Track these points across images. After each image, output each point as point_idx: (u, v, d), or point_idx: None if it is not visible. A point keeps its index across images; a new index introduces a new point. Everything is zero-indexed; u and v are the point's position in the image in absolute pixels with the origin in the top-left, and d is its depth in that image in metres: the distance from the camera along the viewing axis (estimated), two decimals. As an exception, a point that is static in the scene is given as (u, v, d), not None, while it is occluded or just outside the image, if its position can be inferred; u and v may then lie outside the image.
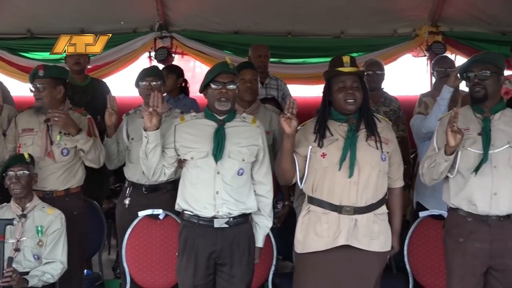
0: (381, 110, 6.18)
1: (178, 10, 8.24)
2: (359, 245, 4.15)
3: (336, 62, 4.25)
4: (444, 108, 5.07)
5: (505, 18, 8.19)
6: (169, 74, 6.65)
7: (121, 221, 5.35)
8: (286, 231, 5.08)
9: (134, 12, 8.20)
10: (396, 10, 8.23)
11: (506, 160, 4.22)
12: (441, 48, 8.17)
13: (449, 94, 5.05)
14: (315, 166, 4.20)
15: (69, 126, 5.04)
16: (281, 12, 8.15)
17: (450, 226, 4.35)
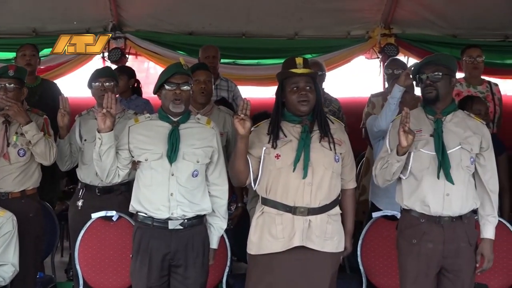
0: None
1: (131, 10, 8.20)
2: (313, 246, 4.17)
3: (289, 64, 4.26)
4: (394, 107, 5.11)
5: (456, 21, 8.31)
6: (120, 75, 6.59)
7: (74, 223, 5.30)
8: (240, 232, 5.08)
9: (87, 12, 8.12)
10: (350, 12, 8.30)
11: (458, 161, 4.26)
12: (394, 50, 8.25)
13: (399, 93, 5.09)
14: (269, 167, 4.21)
15: (19, 116, 4.95)
16: (235, 13, 8.16)
17: (403, 227, 4.38)
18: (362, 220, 5.68)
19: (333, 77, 8.22)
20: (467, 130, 4.33)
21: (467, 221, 4.30)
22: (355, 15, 8.38)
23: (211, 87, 5.62)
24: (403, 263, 4.36)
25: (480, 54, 6.55)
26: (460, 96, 6.12)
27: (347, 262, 5.36)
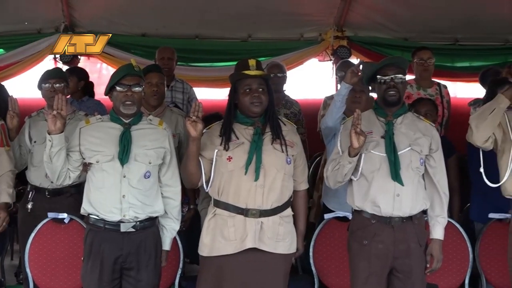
0: (282, 113, 6.25)
1: (84, 11, 8.13)
2: (266, 248, 4.18)
3: (242, 65, 4.27)
4: (339, 104, 5.14)
5: (408, 24, 8.40)
6: (70, 76, 6.53)
7: (23, 226, 5.24)
8: (192, 234, 5.07)
9: (39, 12, 8.04)
10: (303, 15, 8.34)
11: (408, 163, 4.30)
12: (346, 53, 8.32)
13: (346, 91, 5.11)
14: (221, 169, 4.21)
15: None
16: (189, 15, 8.15)
17: (355, 228, 4.40)
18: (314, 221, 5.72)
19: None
20: (416, 132, 4.37)
21: (417, 222, 4.34)
22: (308, 18, 8.42)
23: (164, 89, 5.60)
24: (354, 264, 4.39)
25: (431, 57, 6.65)
26: (410, 98, 6.19)
27: (299, 263, 5.40)
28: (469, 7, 7.98)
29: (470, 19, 8.23)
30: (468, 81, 8.89)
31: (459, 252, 5.25)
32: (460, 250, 5.25)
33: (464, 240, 5.27)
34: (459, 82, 9.05)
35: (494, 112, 4.32)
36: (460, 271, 5.24)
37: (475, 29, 8.46)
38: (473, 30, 8.51)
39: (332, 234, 5.25)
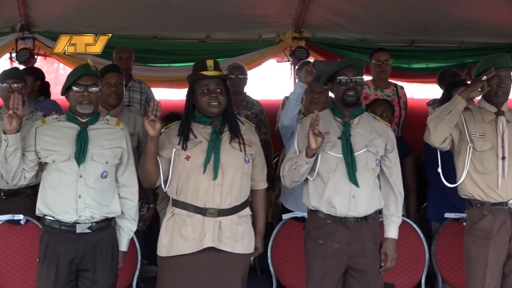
0: (243, 114, 6.26)
1: (40, 10, 8.04)
2: (224, 247, 4.18)
3: (200, 66, 4.27)
4: (294, 103, 5.18)
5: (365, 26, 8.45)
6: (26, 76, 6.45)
7: (-22, 227, 5.17)
8: (151, 234, 5.05)
9: (-5, 11, 7.95)
10: (261, 16, 8.34)
11: (364, 164, 4.33)
12: (304, 54, 8.34)
13: (300, 90, 5.15)
14: (179, 168, 4.20)
15: None
16: (147, 15, 8.10)
17: (310, 228, 4.42)
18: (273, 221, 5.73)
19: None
20: (372, 133, 4.41)
21: (372, 221, 4.38)
22: (266, 19, 8.43)
23: (122, 89, 5.60)
24: (309, 263, 4.41)
25: (388, 58, 6.69)
26: (368, 99, 6.24)
27: (257, 263, 5.41)
28: (425, 9, 8.04)
29: (427, 21, 8.30)
30: (425, 82, 8.97)
31: (416, 252, 5.30)
32: (417, 249, 5.30)
33: (420, 240, 5.32)
34: (416, 83, 9.12)
35: (452, 113, 4.37)
36: (416, 270, 5.29)
37: (432, 30, 8.54)
38: (429, 32, 8.59)
39: (290, 234, 5.26)
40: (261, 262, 5.38)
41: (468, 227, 4.57)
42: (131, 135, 4.75)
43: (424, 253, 5.31)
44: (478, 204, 4.50)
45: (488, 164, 4.47)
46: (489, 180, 4.46)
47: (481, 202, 4.49)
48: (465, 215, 4.93)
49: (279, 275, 5.24)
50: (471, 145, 4.48)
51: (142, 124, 4.88)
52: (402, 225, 4.53)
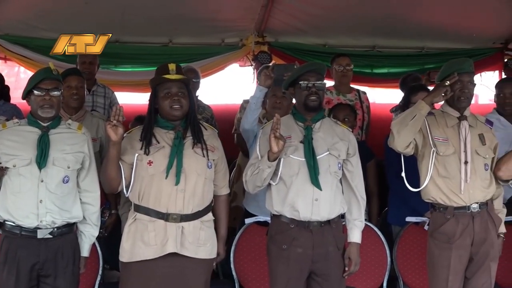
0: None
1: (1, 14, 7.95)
2: (187, 253, 4.16)
3: (162, 70, 4.26)
4: (254, 106, 5.18)
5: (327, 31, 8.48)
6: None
7: None
8: (113, 240, 5.01)
9: (-48, 14, 7.84)
10: (224, 20, 8.34)
11: (326, 167, 4.35)
12: (267, 58, 8.35)
13: (260, 93, 5.15)
14: (141, 174, 4.18)
15: None
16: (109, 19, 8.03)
17: (274, 233, 4.41)
18: (234, 226, 5.72)
19: (207, 84, 8.24)
20: (334, 137, 4.43)
21: (335, 226, 4.39)
22: (229, 23, 8.42)
23: (83, 92, 5.56)
24: (273, 268, 4.40)
25: (349, 63, 6.74)
26: (330, 103, 6.27)
27: (220, 268, 5.39)
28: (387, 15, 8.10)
29: (389, 26, 8.36)
30: (387, 87, 9.04)
31: (377, 255, 5.34)
32: (378, 253, 5.34)
33: (382, 243, 5.36)
34: (378, 88, 9.19)
35: (415, 118, 4.39)
36: (378, 274, 5.33)
37: (393, 36, 8.60)
38: (391, 37, 8.66)
39: (252, 239, 5.27)
40: (223, 267, 5.36)
41: (431, 231, 4.61)
42: (93, 139, 4.72)
43: (385, 256, 5.35)
44: (441, 208, 4.54)
45: (451, 168, 4.50)
46: (452, 185, 4.50)
47: (444, 206, 4.52)
48: (425, 218, 4.98)
49: (242, 280, 5.23)
50: (435, 150, 4.51)
51: (104, 129, 4.85)
52: (363, 229, 4.54)
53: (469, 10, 8.06)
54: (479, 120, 4.66)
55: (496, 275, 4.64)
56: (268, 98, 5.46)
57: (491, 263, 4.54)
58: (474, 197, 4.50)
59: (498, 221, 4.60)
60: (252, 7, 8.13)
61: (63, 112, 5.03)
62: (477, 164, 4.51)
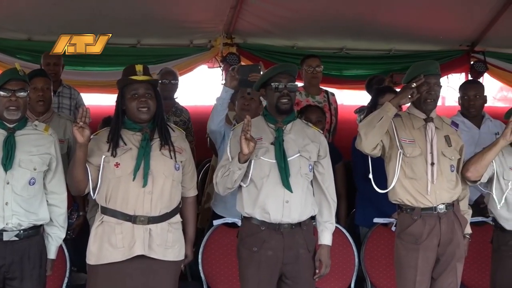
0: (172, 120, 6.24)
1: (-35, 14, 7.88)
2: (155, 255, 4.15)
3: (129, 71, 4.24)
4: (220, 107, 5.19)
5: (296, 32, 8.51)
6: None
7: None
8: (80, 242, 4.98)
9: None
10: (192, 22, 8.33)
11: (297, 169, 4.35)
12: (235, 60, 8.34)
13: (226, 94, 5.16)
14: (108, 176, 4.15)
15: None
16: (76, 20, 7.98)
17: (244, 235, 4.40)
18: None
19: (176, 86, 8.21)
20: (305, 139, 4.43)
21: (305, 228, 4.39)
22: (198, 25, 8.42)
23: (50, 94, 5.53)
24: (244, 271, 4.39)
25: (319, 64, 6.76)
26: (299, 105, 6.28)
27: (188, 270, 5.38)
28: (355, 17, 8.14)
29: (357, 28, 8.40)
30: (355, 89, 9.09)
31: (345, 257, 5.36)
32: (346, 254, 5.36)
33: (350, 245, 5.39)
34: (346, 89, 9.23)
35: (382, 120, 4.41)
36: (346, 275, 5.35)
37: (361, 38, 8.65)
38: (359, 39, 8.70)
39: (221, 241, 5.26)
40: (192, 268, 5.35)
41: (398, 232, 4.63)
42: (61, 141, 4.69)
43: (353, 258, 5.38)
44: (408, 209, 4.56)
45: (418, 170, 4.53)
46: (419, 186, 4.52)
47: (411, 207, 4.55)
48: (393, 220, 5.00)
49: (210, 281, 5.23)
50: (401, 151, 4.53)
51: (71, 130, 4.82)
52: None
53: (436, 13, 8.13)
54: (445, 122, 4.70)
55: (462, 276, 4.69)
56: (237, 100, 5.47)
57: (457, 263, 4.58)
58: (440, 198, 4.53)
59: (464, 222, 4.64)
60: (220, 8, 8.13)
61: (29, 113, 4.99)
62: (443, 166, 4.54)
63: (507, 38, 8.85)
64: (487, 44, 9.04)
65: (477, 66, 8.92)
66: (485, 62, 9.06)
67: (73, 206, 5.44)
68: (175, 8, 7.99)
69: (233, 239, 4.57)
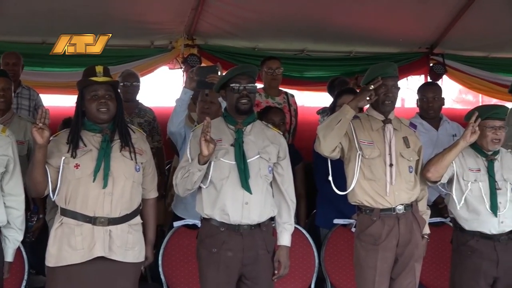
0: (135, 121, 6.23)
1: None
2: (115, 257, 4.14)
3: (89, 72, 4.22)
4: (179, 109, 5.18)
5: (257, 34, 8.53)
6: None
7: None
8: (40, 244, 4.94)
9: None
10: (153, 23, 8.30)
11: (257, 170, 4.36)
12: (196, 61, 8.33)
13: (185, 96, 5.15)
14: (68, 177, 4.13)
15: None
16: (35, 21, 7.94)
17: (204, 236, 4.40)
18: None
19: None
20: (265, 140, 4.44)
21: (265, 229, 4.40)
22: (159, 26, 8.40)
23: (11, 94, 5.49)
24: (203, 272, 4.39)
25: (279, 66, 6.79)
26: (259, 106, 6.29)
27: (148, 272, 5.35)
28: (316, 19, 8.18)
29: (317, 31, 8.45)
30: (316, 90, 9.13)
31: (305, 257, 5.38)
32: (306, 255, 5.39)
33: (310, 246, 5.41)
34: (307, 91, 9.27)
35: (341, 122, 4.43)
36: (306, 275, 5.37)
37: (322, 40, 8.70)
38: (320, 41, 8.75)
39: (181, 242, 5.25)
40: (152, 270, 5.33)
41: (357, 233, 4.65)
42: (20, 142, 4.66)
43: (313, 258, 5.40)
44: (368, 210, 4.59)
45: (377, 171, 4.56)
46: (378, 187, 4.55)
47: (370, 209, 4.58)
48: (353, 221, 5.03)
49: (170, 283, 5.21)
50: (360, 153, 4.55)
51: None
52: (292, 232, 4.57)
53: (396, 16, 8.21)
54: (403, 124, 4.74)
55: (421, 276, 4.73)
56: (198, 103, 5.47)
57: (415, 263, 4.62)
58: (399, 199, 4.56)
59: (422, 223, 4.68)
60: (181, 9, 8.13)
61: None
62: (402, 167, 4.58)
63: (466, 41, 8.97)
64: (446, 46, 9.14)
65: (436, 68, 9.01)
66: (444, 65, 9.15)
67: (33, 208, 5.39)
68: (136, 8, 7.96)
69: (194, 241, 4.56)
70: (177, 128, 5.24)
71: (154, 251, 4.60)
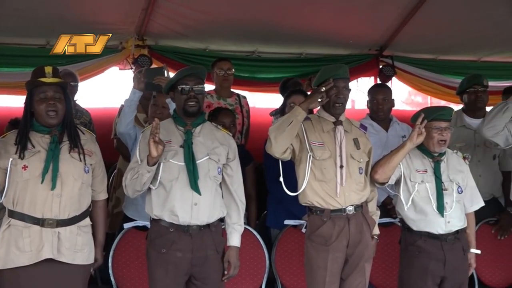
0: (72, 123, 6.15)
1: None
2: (63, 259, 4.12)
3: (38, 72, 4.19)
4: (128, 109, 5.18)
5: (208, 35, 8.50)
6: None
7: None
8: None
9: None
10: (103, 23, 8.21)
11: (206, 171, 4.37)
12: (147, 61, 8.27)
13: (134, 96, 5.15)
14: (16, 179, 4.09)
15: None
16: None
17: (153, 237, 4.40)
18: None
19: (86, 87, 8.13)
20: (214, 141, 4.46)
21: (214, 229, 4.41)
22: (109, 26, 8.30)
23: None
24: (152, 272, 4.39)
25: (230, 67, 6.79)
26: (210, 107, 6.29)
27: (98, 274, 5.31)
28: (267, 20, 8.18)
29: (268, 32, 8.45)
30: (267, 91, 9.13)
31: (256, 258, 5.39)
32: (257, 256, 5.40)
33: (260, 246, 5.42)
34: (258, 92, 9.27)
35: (292, 124, 4.45)
36: (257, 276, 5.38)
37: (273, 41, 8.70)
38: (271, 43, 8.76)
39: (131, 244, 5.23)
40: (102, 272, 5.29)
41: (308, 234, 4.68)
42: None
43: (264, 259, 5.42)
44: (318, 211, 4.62)
45: (327, 172, 4.59)
46: (328, 188, 4.59)
47: (321, 209, 4.61)
48: (303, 221, 5.06)
49: (120, 285, 5.19)
50: (311, 154, 4.58)
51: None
52: (242, 232, 4.58)
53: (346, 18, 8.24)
54: (354, 125, 4.78)
55: (370, 276, 4.78)
56: (150, 106, 5.45)
57: (365, 264, 4.66)
58: (349, 200, 4.60)
59: (372, 223, 4.73)
60: (132, 10, 8.06)
61: None
62: (352, 168, 4.62)
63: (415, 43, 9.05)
64: (395, 48, 9.21)
65: (385, 70, 9.07)
66: (393, 67, 9.22)
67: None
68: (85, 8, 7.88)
69: (144, 242, 4.55)
70: (126, 129, 5.22)
71: (104, 253, 4.56)
